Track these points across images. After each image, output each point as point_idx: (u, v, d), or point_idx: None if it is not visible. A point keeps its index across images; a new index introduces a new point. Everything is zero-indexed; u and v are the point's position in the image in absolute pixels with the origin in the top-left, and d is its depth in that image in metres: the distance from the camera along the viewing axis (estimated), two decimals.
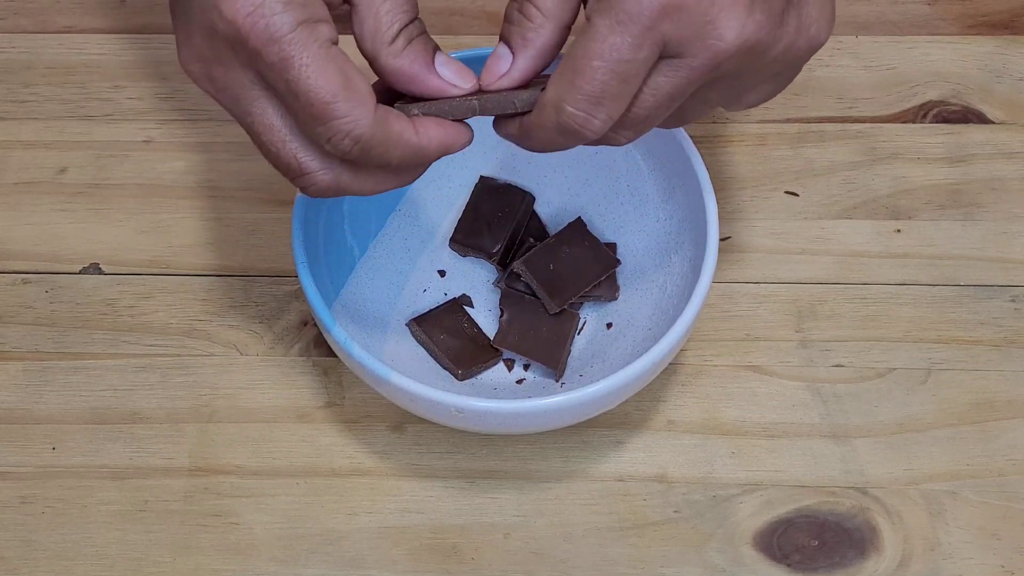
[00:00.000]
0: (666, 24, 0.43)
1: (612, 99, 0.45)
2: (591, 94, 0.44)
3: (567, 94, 0.45)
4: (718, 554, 0.57)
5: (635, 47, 0.44)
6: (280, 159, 0.46)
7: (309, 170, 0.46)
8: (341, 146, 0.44)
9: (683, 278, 0.57)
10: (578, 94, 0.44)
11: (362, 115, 0.44)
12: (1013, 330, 0.62)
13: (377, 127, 0.44)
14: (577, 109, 0.45)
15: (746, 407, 0.60)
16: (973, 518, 0.57)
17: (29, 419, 0.61)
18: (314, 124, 0.44)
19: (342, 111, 0.44)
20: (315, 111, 0.44)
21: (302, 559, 0.57)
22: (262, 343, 0.62)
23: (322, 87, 0.43)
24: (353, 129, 0.44)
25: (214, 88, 0.46)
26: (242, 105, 0.46)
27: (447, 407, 0.52)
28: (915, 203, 0.66)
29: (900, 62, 0.71)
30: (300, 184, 0.47)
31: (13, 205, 0.67)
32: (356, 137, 0.44)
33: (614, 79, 0.44)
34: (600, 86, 0.44)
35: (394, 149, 0.45)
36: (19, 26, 0.73)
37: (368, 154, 0.45)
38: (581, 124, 0.45)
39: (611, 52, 0.44)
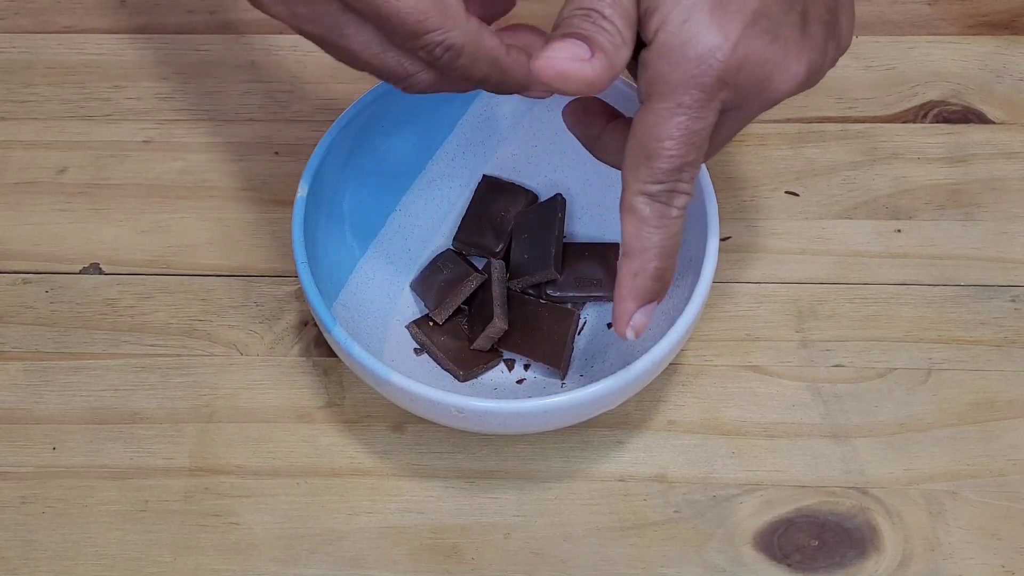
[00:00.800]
0: (724, 92, 0.45)
1: (691, 164, 0.46)
2: (670, 169, 0.46)
3: (647, 177, 0.46)
4: (718, 554, 0.57)
5: (699, 119, 0.46)
6: (384, 69, 0.48)
7: (412, 71, 0.48)
8: (434, 55, 0.46)
9: (683, 278, 0.57)
10: (658, 173, 0.46)
11: (453, 25, 0.46)
12: (1013, 330, 0.62)
13: (469, 37, 0.46)
14: (662, 184, 0.46)
15: (746, 407, 0.60)
16: (974, 518, 0.57)
17: (29, 419, 0.61)
18: (410, 39, 0.46)
19: (434, 24, 0.45)
20: (408, 29, 0.45)
21: (302, 559, 0.57)
22: (262, 343, 0.62)
23: (412, 7, 0.45)
24: (445, 39, 0.46)
25: (300, 23, 0.47)
26: (335, 31, 0.47)
27: (447, 407, 0.52)
28: (915, 203, 0.66)
29: (900, 62, 0.71)
30: (404, 85, 0.48)
31: (13, 205, 0.67)
32: (448, 46, 0.46)
33: (689, 150, 0.46)
34: (679, 160, 0.46)
35: (481, 63, 0.47)
36: (19, 26, 0.73)
37: (456, 61, 0.47)
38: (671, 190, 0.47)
39: (678, 129, 0.45)
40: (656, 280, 0.49)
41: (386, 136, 0.61)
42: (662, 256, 0.48)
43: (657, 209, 0.47)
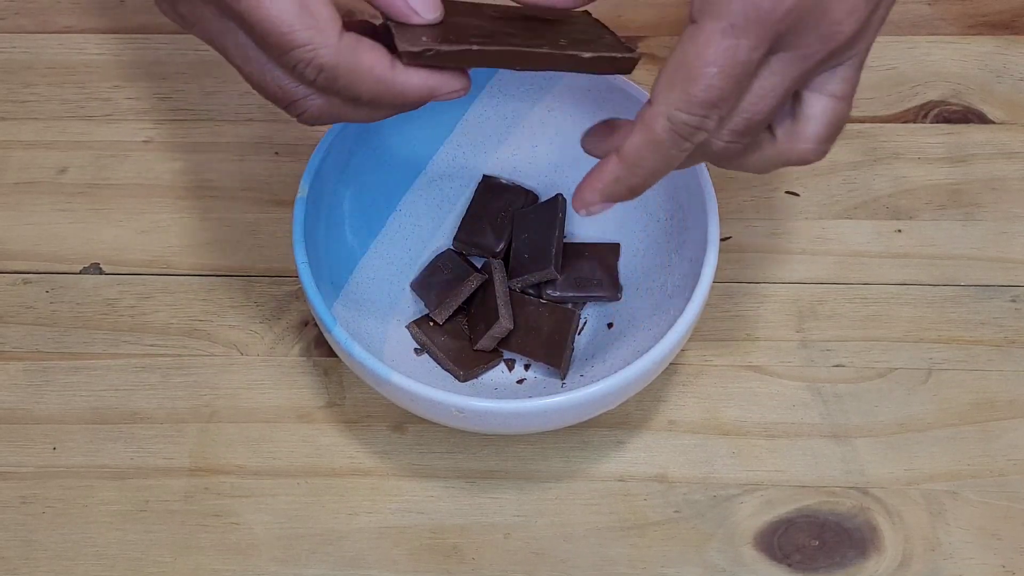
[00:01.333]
0: (782, 23, 0.42)
1: (725, 102, 0.43)
2: (706, 100, 0.43)
3: (679, 102, 0.43)
4: (718, 554, 0.57)
5: (750, 49, 0.42)
6: (266, 89, 0.45)
7: (297, 96, 0.44)
8: (307, 74, 0.43)
9: (684, 278, 0.57)
10: (691, 101, 0.43)
11: (323, 42, 0.42)
12: (1014, 330, 0.62)
13: (342, 56, 0.43)
14: (692, 115, 0.43)
15: (747, 407, 0.60)
16: (974, 518, 0.57)
17: (29, 419, 0.61)
18: (278, 55, 0.43)
19: (301, 39, 0.42)
20: (273, 41, 0.42)
21: (302, 559, 0.57)
22: (263, 343, 0.62)
23: (275, 16, 0.42)
24: (314, 58, 0.42)
25: (186, 24, 0.45)
26: (217, 39, 0.44)
27: (448, 407, 0.52)
28: (916, 203, 0.66)
29: (901, 62, 0.71)
30: (293, 112, 0.45)
31: (13, 205, 0.67)
32: (319, 65, 0.42)
33: (730, 83, 0.43)
34: (717, 92, 0.43)
35: (363, 82, 0.43)
36: (19, 26, 0.73)
37: (335, 83, 0.43)
38: (696, 127, 0.44)
39: (725, 56, 0.42)
40: (630, 191, 0.46)
41: (386, 136, 0.61)
42: (649, 176, 0.46)
43: (673, 138, 0.44)
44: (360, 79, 0.43)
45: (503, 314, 0.58)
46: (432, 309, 0.60)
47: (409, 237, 0.63)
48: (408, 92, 0.45)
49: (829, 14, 0.43)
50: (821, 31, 0.43)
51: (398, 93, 0.44)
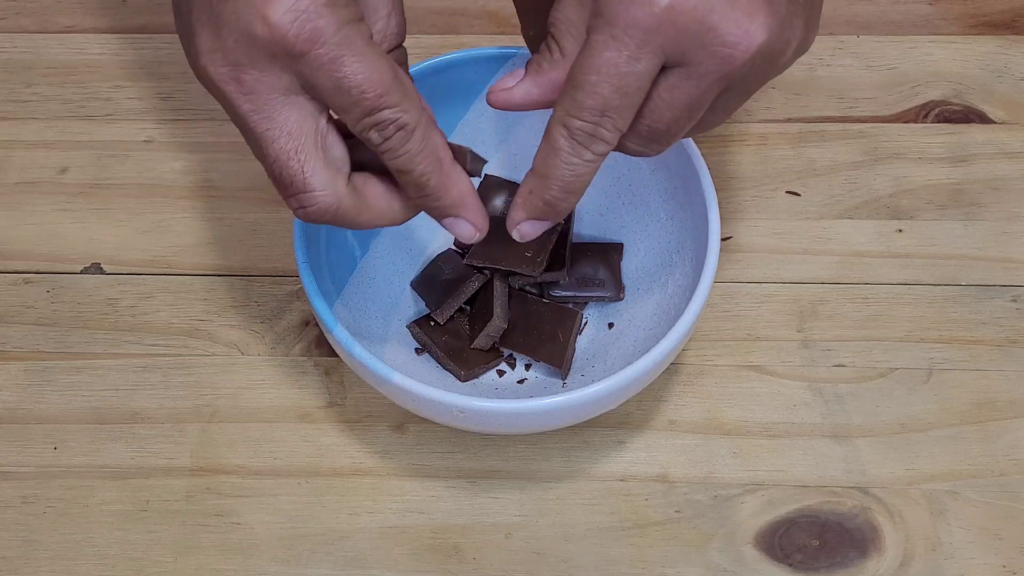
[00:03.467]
0: (661, 36, 0.44)
1: (616, 111, 0.45)
2: (593, 107, 0.45)
3: (571, 108, 0.45)
4: (720, 554, 0.57)
5: (631, 59, 0.44)
6: (285, 171, 0.46)
7: (312, 188, 0.46)
8: (387, 131, 0.45)
9: (685, 277, 0.57)
10: (581, 108, 0.45)
11: (412, 107, 0.45)
12: (1015, 330, 0.62)
13: (421, 125, 0.46)
14: (584, 121, 0.45)
15: (747, 407, 0.60)
16: (975, 518, 0.57)
17: (30, 419, 0.61)
18: (364, 114, 0.45)
19: (393, 100, 0.45)
20: (368, 103, 0.44)
21: (304, 559, 0.57)
22: (263, 343, 0.62)
23: (376, 80, 0.44)
24: (401, 117, 0.45)
25: (241, 91, 0.45)
26: (266, 111, 0.45)
27: (449, 407, 0.52)
28: (916, 203, 0.66)
29: (901, 62, 0.71)
30: (300, 202, 0.46)
31: (14, 205, 0.67)
32: (402, 124, 0.45)
33: (614, 92, 0.44)
34: (601, 99, 0.45)
35: (427, 157, 0.46)
36: (20, 26, 0.73)
37: (404, 146, 0.46)
38: (591, 133, 0.45)
39: (607, 66, 0.44)
40: (548, 205, 0.48)
41: None
42: (561, 190, 0.47)
43: (571, 146, 0.46)
44: (424, 153, 0.46)
45: (498, 314, 0.58)
46: (433, 309, 0.60)
47: (410, 237, 0.63)
48: (451, 189, 0.47)
49: (718, 34, 0.44)
50: (711, 51, 0.44)
51: (444, 184, 0.47)
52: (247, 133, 0.46)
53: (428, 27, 0.73)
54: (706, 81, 0.45)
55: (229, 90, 0.45)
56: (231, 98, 0.46)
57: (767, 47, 0.45)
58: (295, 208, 0.47)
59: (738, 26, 0.44)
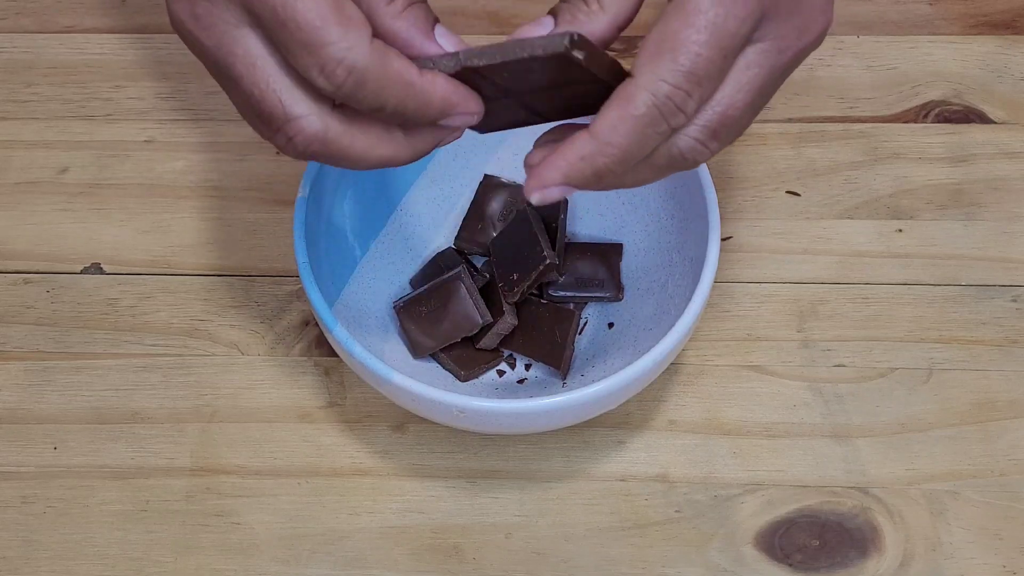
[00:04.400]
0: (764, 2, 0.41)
1: (711, 79, 0.42)
2: (693, 70, 0.41)
3: (666, 72, 0.41)
4: (720, 554, 0.57)
5: (739, 20, 0.41)
6: (263, 104, 0.43)
7: (294, 115, 0.43)
8: (335, 77, 0.41)
9: (684, 277, 0.57)
10: (679, 70, 0.41)
11: (356, 41, 0.41)
12: (1015, 330, 0.62)
13: (374, 57, 0.41)
14: (678, 88, 0.41)
15: (747, 407, 0.60)
16: (975, 518, 0.57)
17: (30, 419, 0.61)
18: (304, 53, 0.41)
19: (334, 36, 0.40)
20: (304, 36, 0.41)
21: (304, 559, 0.57)
22: (263, 343, 0.62)
23: (311, 10, 0.40)
24: (346, 56, 0.41)
25: (198, 27, 0.43)
26: (225, 45, 0.43)
27: (449, 407, 0.52)
28: (916, 203, 0.66)
29: (901, 62, 0.71)
30: (285, 134, 0.43)
31: (14, 205, 0.67)
32: (350, 66, 0.41)
33: (718, 54, 0.41)
34: (705, 62, 0.41)
35: (392, 87, 0.42)
36: (20, 26, 0.73)
37: (363, 88, 0.41)
38: (679, 103, 0.42)
39: (715, 25, 0.41)
40: (595, 175, 0.43)
41: None
42: (620, 161, 0.43)
43: (653, 115, 0.42)
44: (389, 83, 0.42)
45: (508, 311, 0.58)
46: None
47: (410, 237, 0.63)
48: (433, 99, 0.43)
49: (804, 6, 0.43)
50: (796, 22, 0.42)
51: (423, 100, 0.43)
52: (217, 74, 0.44)
53: None
54: (784, 57, 0.43)
55: (190, 28, 0.43)
56: (194, 36, 0.43)
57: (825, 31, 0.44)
58: (283, 143, 0.44)
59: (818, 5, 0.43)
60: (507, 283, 0.59)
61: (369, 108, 0.43)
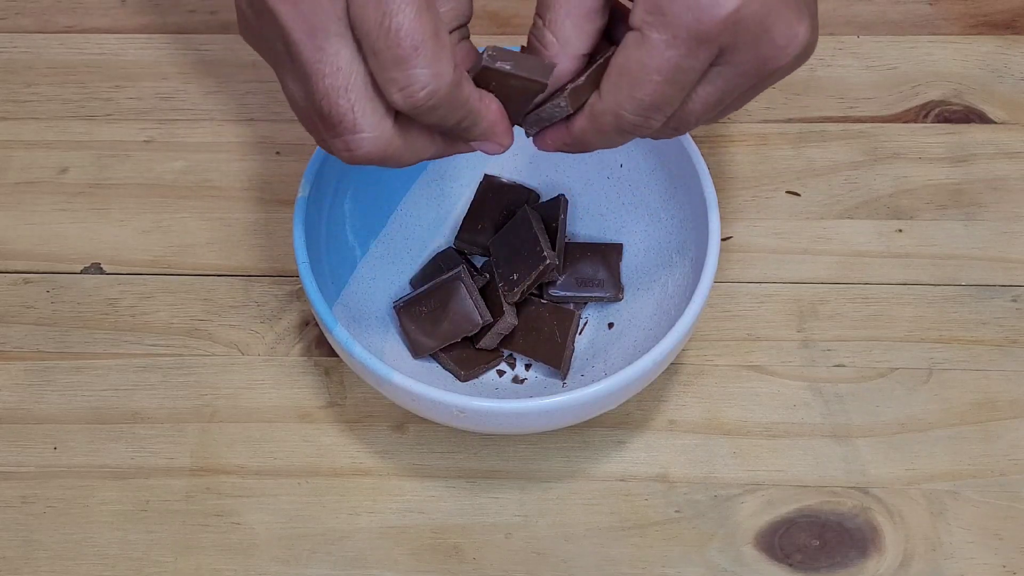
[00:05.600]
0: (722, 38, 0.44)
1: (668, 105, 0.46)
2: (650, 104, 0.46)
3: (626, 103, 0.46)
4: (720, 554, 0.57)
5: (692, 59, 0.45)
6: (335, 109, 0.44)
7: (361, 128, 0.44)
8: (414, 98, 0.43)
9: (684, 277, 0.57)
10: (637, 104, 0.46)
11: (444, 68, 0.43)
12: (1015, 330, 0.62)
13: (454, 86, 0.44)
14: (636, 115, 0.46)
15: (747, 407, 0.60)
16: (975, 518, 0.57)
17: (30, 419, 0.61)
18: (394, 68, 0.42)
19: (427, 60, 0.42)
20: (401, 52, 0.42)
21: (304, 559, 0.57)
22: (263, 343, 0.62)
23: (416, 30, 0.42)
24: (431, 82, 0.43)
25: (295, 13, 0.43)
26: (318, 38, 0.43)
27: (449, 407, 0.52)
28: (917, 203, 0.66)
29: (901, 62, 0.71)
30: (346, 143, 0.44)
31: (14, 205, 0.67)
32: (432, 90, 0.43)
33: (672, 89, 0.46)
34: (659, 97, 0.46)
35: (458, 111, 0.45)
36: (20, 26, 0.73)
37: (435, 111, 0.44)
38: (639, 126, 0.47)
39: (669, 66, 0.45)
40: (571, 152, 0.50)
41: None
42: (592, 148, 0.49)
43: (618, 130, 0.47)
44: (458, 107, 0.45)
45: (508, 310, 0.58)
46: None
47: (410, 237, 0.63)
48: (482, 122, 0.46)
49: (771, 36, 0.45)
50: (760, 52, 0.45)
51: (474, 121, 0.46)
52: (297, 63, 0.44)
53: None
54: (744, 78, 0.46)
55: (283, 10, 0.43)
56: (284, 21, 0.43)
57: (809, 48, 0.46)
58: (341, 150, 0.45)
59: (789, 28, 0.45)
60: (507, 283, 0.59)
61: (431, 124, 0.45)
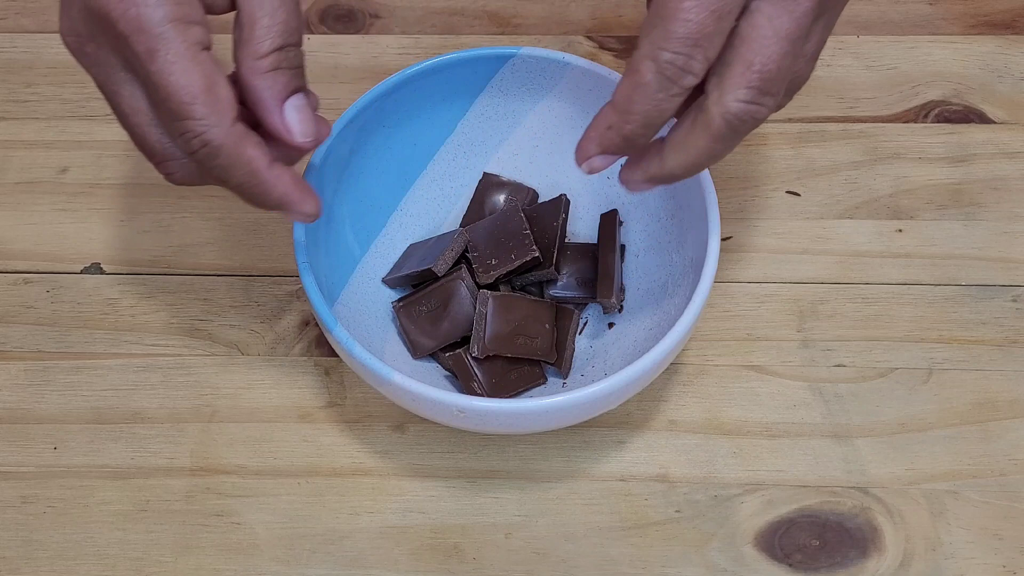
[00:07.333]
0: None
1: (709, 39, 0.43)
2: (686, 36, 0.43)
3: (660, 40, 0.43)
4: (720, 554, 0.57)
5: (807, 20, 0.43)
6: (145, 142, 0.47)
7: (170, 156, 0.47)
8: (190, 145, 0.45)
9: (684, 277, 0.57)
10: (672, 38, 0.43)
11: (217, 121, 0.44)
12: (1015, 330, 0.62)
13: (230, 139, 0.45)
14: (675, 53, 0.43)
15: (747, 407, 0.60)
16: (975, 518, 0.57)
17: (30, 419, 0.61)
18: (169, 119, 0.44)
19: (199, 113, 0.44)
20: (172, 107, 0.44)
21: (304, 559, 0.57)
22: (263, 343, 0.62)
23: (183, 86, 0.43)
24: (204, 132, 0.44)
25: (87, 62, 0.46)
26: (111, 84, 0.46)
27: (449, 407, 0.52)
28: (916, 203, 0.66)
29: (901, 62, 0.71)
30: (165, 169, 0.47)
31: (14, 205, 0.67)
32: (206, 140, 0.44)
33: (709, 16, 0.43)
34: (696, 27, 0.43)
35: (238, 170, 0.46)
36: (20, 26, 0.73)
37: (213, 161, 0.45)
38: (681, 67, 0.43)
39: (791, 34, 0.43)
40: (625, 140, 0.46)
41: (387, 136, 0.61)
42: (643, 124, 0.45)
43: (659, 81, 0.44)
44: (237, 166, 0.45)
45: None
46: None
47: (410, 237, 0.63)
48: (271, 192, 0.47)
49: None
50: None
51: (263, 190, 0.47)
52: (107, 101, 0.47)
53: (428, 27, 0.73)
54: (800, 7, 0.44)
55: (80, 60, 0.47)
56: (84, 67, 0.47)
57: None
58: (162, 175, 0.48)
59: None
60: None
61: (216, 179, 0.46)
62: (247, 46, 0.46)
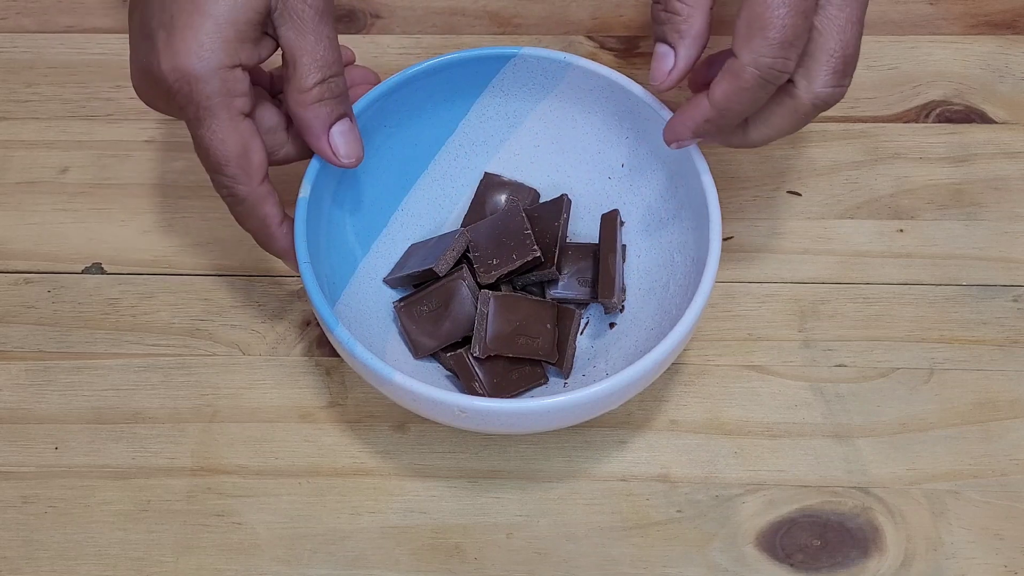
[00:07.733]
0: None
1: (800, 38, 0.49)
2: (783, 41, 0.49)
3: (762, 48, 0.49)
4: (721, 554, 0.57)
5: None
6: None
7: None
8: (220, 191, 0.54)
9: (686, 277, 0.57)
10: (772, 44, 0.49)
11: (245, 181, 0.53)
12: (1016, 330, 0.62)
13: (252, 197, 0.54)
14: (775, 58, 0.49)
15: (749, 407, 0.60)
16: (976, 518, 0.57)
17: (31, 419, 0.61)
18: (209, 170, 0.54)
19: (230, 172, 0.53)
20: (211, 163, 0.53)
21: (305, 559, 0.57)
22: (264, 343, 0.62)
23: (221, 151, 0.52)
24: (232, 186, 0.53)
25: (163, 112, 0.55)
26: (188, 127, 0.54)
27: (450, 407, 0.52)
28: (917, 203, 0.66)
29: (902, 62, 0.71)
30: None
31: (15, 205, 0.67)
32: (232, 192, 0.54)
33: (800, 19, 0.49)
34: (792, 30, 0.49)
35: (252, 221, 0.55)
36: (21, 26, 0.73)
37: (235, 208, 0.55)
38: (780, 69, 0.50)
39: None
40: (719, 131, 0.53)
41: (389, 136, 0.61)
42: (736, 118, 0.52)
43: (760, 83, 0.50)
44: (253, 218, 0.55)
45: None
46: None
47: (411, 237, 0.63)
48: (274, 245, 0.56)
49: None
50: None
51: (269, 242, 0.56)
52: None
53: (428, 27, 0.73)
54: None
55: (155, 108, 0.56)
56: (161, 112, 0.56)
57: None
58: None
59: None
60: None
61: (237, 220, 0.56)
62: (292, 82, 0.53)
